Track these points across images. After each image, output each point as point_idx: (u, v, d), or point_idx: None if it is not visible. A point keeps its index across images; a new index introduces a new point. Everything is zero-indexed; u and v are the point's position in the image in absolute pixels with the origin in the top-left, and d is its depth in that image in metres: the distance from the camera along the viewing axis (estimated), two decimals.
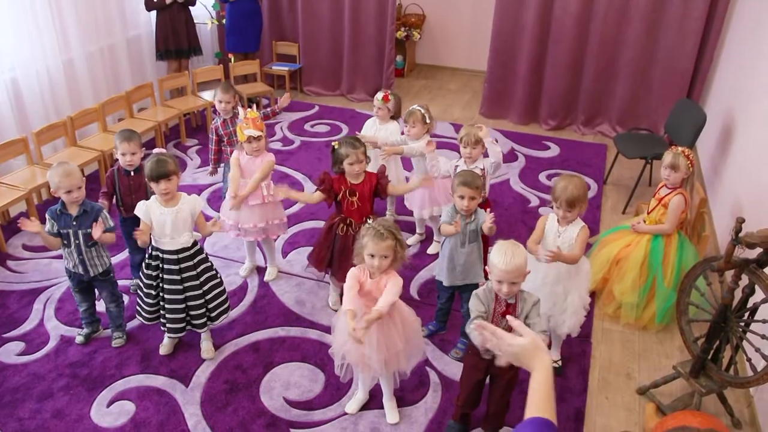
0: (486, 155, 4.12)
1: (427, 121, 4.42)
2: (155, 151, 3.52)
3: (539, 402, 1.64)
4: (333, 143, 3.83)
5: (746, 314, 3.14)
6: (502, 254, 2.71)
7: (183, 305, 3.55)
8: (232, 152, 4.72)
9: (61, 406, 3.43)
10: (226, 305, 3.76)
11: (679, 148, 3.89)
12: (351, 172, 3.75)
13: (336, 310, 4.14)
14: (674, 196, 3.88)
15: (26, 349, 3.81)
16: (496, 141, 4.12)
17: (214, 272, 3.66)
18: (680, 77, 6.44)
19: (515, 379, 3.08)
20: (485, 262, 3.89)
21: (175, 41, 6.90)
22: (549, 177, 6.02)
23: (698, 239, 4.10)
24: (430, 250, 4.83)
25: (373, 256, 2.91)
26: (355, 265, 3.09)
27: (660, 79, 6.55)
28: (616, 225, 5.08)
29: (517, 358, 1.79)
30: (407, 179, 4.92)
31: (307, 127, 7.06)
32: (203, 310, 3.61)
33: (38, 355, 3.76)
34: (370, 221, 3.00)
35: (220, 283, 3.71)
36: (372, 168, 4.78)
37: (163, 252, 3.44)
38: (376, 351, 3.03)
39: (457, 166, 4.15)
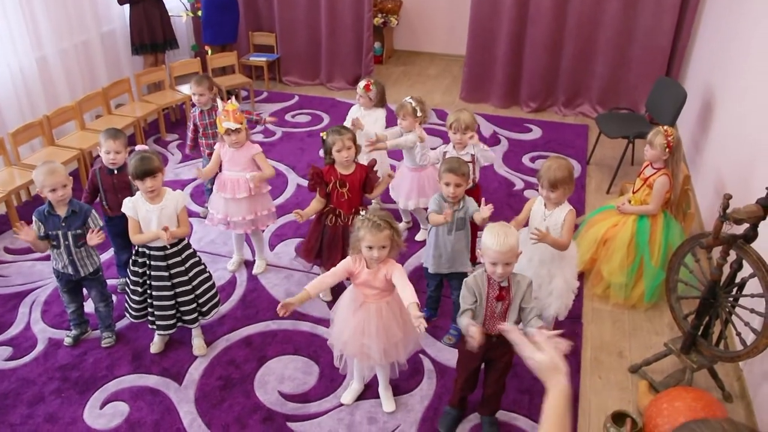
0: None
1: (418, 113, 4.39)
2: (138, 148, 3.47)
3: (549, 428, 1.61)
4: (321, 134, 3.81)
5: (735, 289, 3.18)
6: (495, 235, 2.71)
7: (173, 302, 3.51)
8: (207, 144, 4.71)
9: (54, 409, 3.38)
10: (216, 299, 3.74)
11: (663, 128, 3.90)
12: (340, 160, 3.73)
13: (327, 301, 4.14)
14: (659, 176, 3.90)
15: (14, 354, 3.75)
16: (486, 146, 4.10)
17: (203, 266, 3.63)
18: (659, 55, 6.47)
19: (511, 362, 3.09)
20: (473, 250, 3.91)
21: (150, 35, 6.80)
22: (532, 159, 6.04)
23: (683, 217, 4.14)
24: (418, 237, 4.83)
25: (371, 247, 2.90)
26: (344, 256, 3.08)
27: (639, 57, 6.58)
28: (600, 205, 5.12)
29: (535, 370, 1.75)
30: (393, 168, 4.88)
31: (287, 117, 7.00)
32: (194, 305, 3.58)
33: (27, 359, 3.71)
34: (363, 213, 2.98)
35: (210, 278, 3.68)
36: (377, 159, 4.79)
37: (150, 249, 3.40)
38: (376, 340, 3.03)
39: (446, 152, 4.13)
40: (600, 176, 5.77)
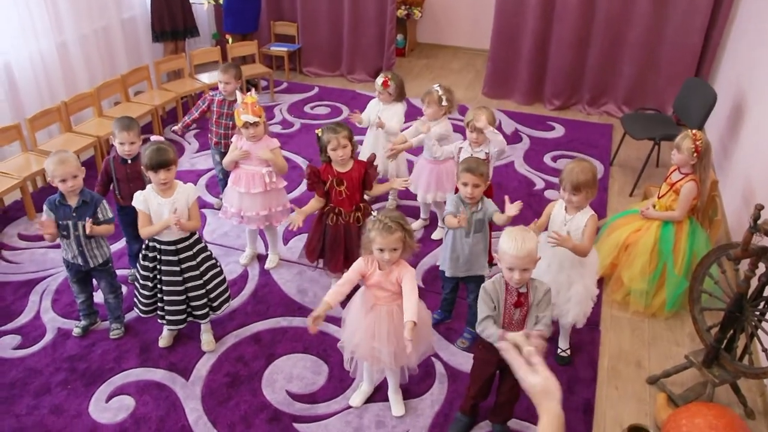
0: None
1: (444, 102, 4.29)
2: (153, 138, 3.40)
3: None
4: (317, 131, 3.73)
5: (762, 303, 3.05)
6: (513, 240, 2.62)
7: (183, 296, 3.46)
8: (217, 134, 4.64)
9: (59, 401, 3.35)
10: (227, 294, 3.68)
11: (692, 131, 3.76)
12: (336, 159, 3.65)
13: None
14: (686, 182, 3.76)
15: (22, 343, 3.72)
16: (497, 128, 3.97)
17: (214, 261, 3.57)
18: (689, 54, 6.28)
19: None
20: (490, 252, 3.81)
21: (171, 22, 6.75)
22: (554, 159, 5.90)
23: (709, 224, 4.00)
24: (435, 236, 4.73)
25: (382, 250, 2.82)
26: (353, 258, 3.01)
27: (668, 56, 6.39)
28: (623, 208, 5.00)
29: (528, 393, 1.68)
30: (411, 164, 4.78)
31: (306, 109, 6.92)
32: (205, 300, 3.53)
33: (35, 349, 3.68)
34: (375, 214, 2.90)
35: (221, 272, 3.62)
36: (379, 154, 4.70)
37: (161, 243, 3.34)
38: (387, 344, 2.96)
39: (461, 148, 4.03)
40: (623, 178, 5.62)
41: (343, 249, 3.79)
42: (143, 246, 3.43)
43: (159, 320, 3.60)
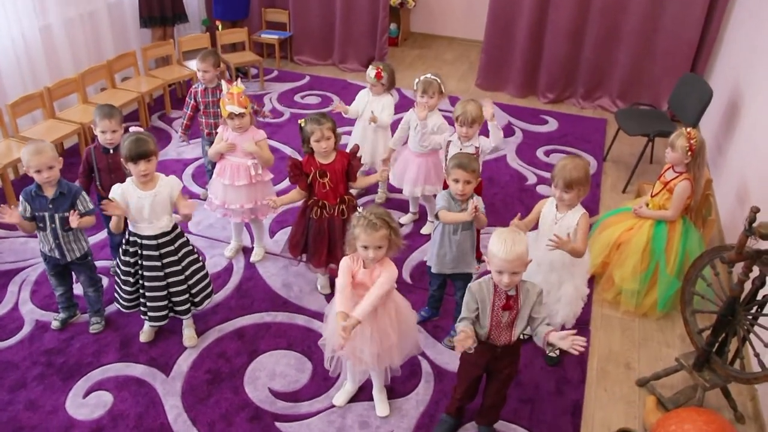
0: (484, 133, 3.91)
1: (443, 90, 4.22)
2: (132, 128, 3.29)
3: None
4: (300, 121, 3.63)
5: (755, 307, 2.99)
6: (502, 242, 2.53)
7: (165, 292, 3.37)
8: (207, 124, 4.54)
9: (35, 396, 3.26)
10: (209, 289, 3.59)
11: (686, 129, 3.68)
12: (319, 150, 3.55)
13: (325, 294, 3.99)
14: (680, 181, 3.69)
15: None
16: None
17: (196, 255, 3.48)
18: (685, 48, 6.20)
19: (514, 373, 2.93)
20: (479, 250, 3.74)
21: (160, 7, 6.60)
22: (547, 153, 5.82)
23: (703, 223, 3.94)
24: (424, 230, 4.65)
25: (366, 247, 2.73)
26: (341, 255, 2.92)
27: (664, 49, 6.31)
28: (615, 204, 4.94)
29: None
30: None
31: (297, 98, 6.80)
32: (186, 296, 3.44)
33: (12, 342, 3.58)
34: (360, 210, 2.81)
35: (203, 267, 3.53)
36: (380, 146, 4.62)
37: (142, 237, 3.25)
38: (369, 344, 2.88)
39: (450, 141, 3.94)
40: (616, 174, 5.55)
41: (326, 243, 3.70)
42: (123, 240, 3.33)
43: (141, 316, 3.51)
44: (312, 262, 3.80)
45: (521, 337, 2.80)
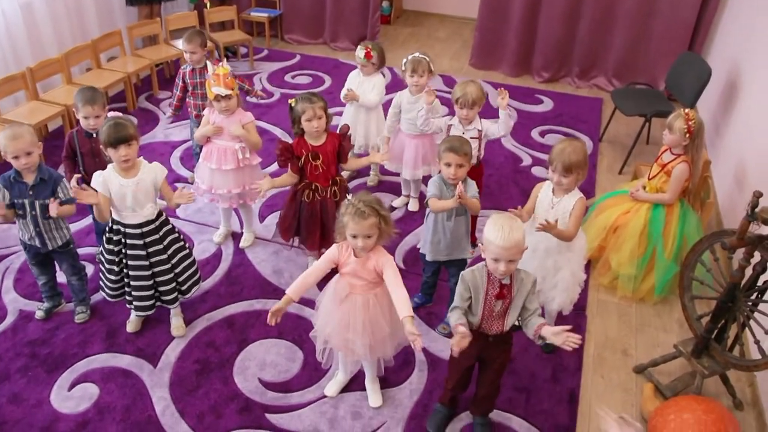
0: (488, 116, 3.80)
1: (432, 69, 4.11)
2: (110, 114, 3.17)
3: None
4: (290, 101, 3.51)
5: (755, 294, 2.92)
6: (499, 229, 2.43)
7: (151, 282, 3.27)
8: (195, 105, 4.43)
9: (18, 389, 3.17)
10: (197, 276, 3.50)
11: (684, 111, 3.59)
12: (310, 131, 3.44)
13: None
14: (678, 163, 3.60)
15: None
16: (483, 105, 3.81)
17: (182, 243, 3.38)
18: (682, 27, 6.08)
19: (507, 362, 2.86)
20: (473, 235, 3.65)
21: None
22: (542, 134, 5.72)
23: (701, 206, 3.86)
24: (411, 207, 4.59)
25: (355, 236, 2.64)
26: (330, 234, 2.83)
27: (660, 28, 6.19)
28: (611, 186, 4.87)
29: None
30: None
31: (287, 78, 6.66)
32: (173, 285, 3.35)
33: None
34: (350, 197, 2.71)
35: (189, 254, 3.43)
36: (372, 127, 4.51)
37: (125, 226, 3.14)
38: (361, 335, 2.80)
39: (451, 125, 3.84)
40: (612, 155, 5.47)
41: (319, 226, 3.61)
42: (107, 228, 3.22)
43: (127, 305, 3.42)
44: (306, 245, 3.71)
45: (516, 322, 2.72)
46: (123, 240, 3.17)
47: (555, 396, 3.24)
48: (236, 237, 4.28)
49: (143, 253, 3.18)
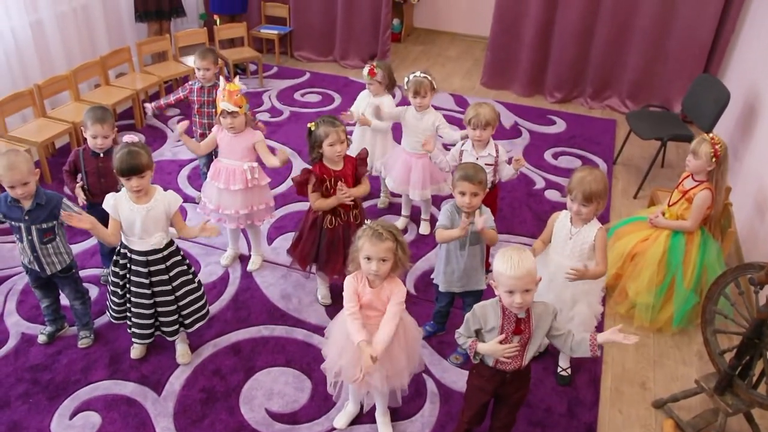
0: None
1: (435, 86, 4.05)
2: (126, 138, 3.05)
3: None
4: (309, 125, 3.41)
5: None
6: (508, 260, 2.33)
7: (151, 311, 3.16)
8: (201, 124, 4.39)
9: (18, 417, 3.08)
10: (201, 313, 3.34)
11: (708, 135, 3.49)
12: (331, 156, 3.35)
13: (325, 306, 3.81)
14: (700, 190, 3.50)
15: None
16: (497, 127, 3.73)
17: (190, 276, 3.24)
18: (698, 49, 6.00)
19: (524, 398, 2.75)
20: (487, 261, 3.56)
21: (156, 1, 6.41)
22: (555, 156, 5.63)
23: (722, 234, 3.75)
24: (422, 230, 4.52)
25: (370, 259, 2.55)
26: (346, 270, 2.73)
27: (676, 50, 6.11)
28: (626, 210, 4.78)
29: None
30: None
31: (297, 96, 6.61)
32: (175, 317, 3.22)
33: None
34: (368, 222, 2.62)
35: (197, 288, 3.29)
36: (377, 149, 4.42)
37: (132, 252, 3.05)
38: (378, 367, 2.69)
39: (463, 151, 3.75)
40: (627, 178, 5.37)
41: (342, 251, 3.49)
42: (116, 250, 3.14)
43: (128, 330, 3.32)
44: (326, 271, 3.59)
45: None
46: (128, 265, 3.08)
47: (572, 431, 3.13)
48: (244, 260, 4.19)
49: (146, 281, 3.08)
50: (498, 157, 3.70)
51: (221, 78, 3.75)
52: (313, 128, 3.37)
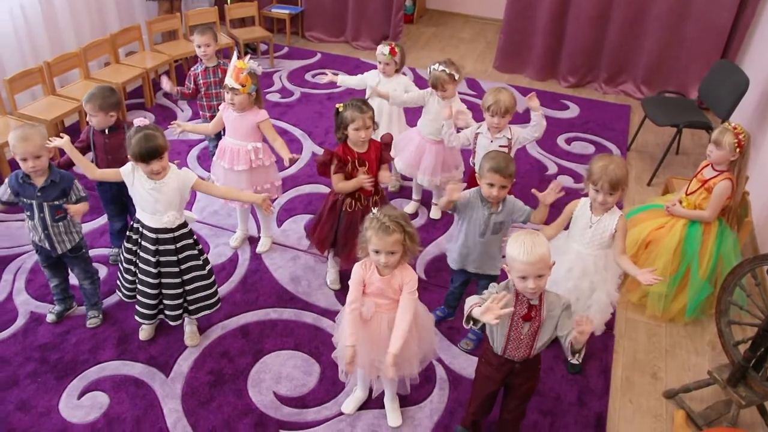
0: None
1: (456, 77, 3.91)
2: (136, 122, 3.02)
3: None
4: (337, 105, 3.36)
5: None
6: (521, 245, 2.29)
7: (156, 291, 3.13)
8: (209, 106, 4.36)
9: (27, 396, 3.08)
10: (209, 302, 3.28)
11: (731, 124, 3.42)
12: (356, 140, 3.30)
13: (334, 290, 3.78)
14: (721, 180, 3.43)
15: None
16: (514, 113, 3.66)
17: (200, 263, 3.18)
18: (716, 34, 5.88)
19: (534, 389, 2.71)
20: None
21: None
22: (568, 141, 5.56)
23: (738, 225, 3.69)
24: (434, 215, 4.47)
25: (378, 251, 2.52)
26: (358, 258, 2.69)
27: (693, 34, 5.99)
28: (639, 197, 4.73)
29: None
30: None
31: (307, 77, 6.54)
32: (179, 301, 3.18)
33: (5, 335, 3.39)
34: (374, 211, 2.58)
35: (206, 276, 3.23)
36: (394, 130, 4.36)
37: (143, 227, 3.03)
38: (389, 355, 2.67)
39: (478, 133, 3.69)
40: (641, 165, 5.29)
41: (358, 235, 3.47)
42: (129, 227, 3.11)
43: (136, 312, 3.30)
44: (343, 256, 3.56)
45: None
46: (139, 240, 3.05)
47: (581, 421, 3.10)
48: (253, 241, 4.16)
49: (153, 259, 3.04)
50: (513, 139, 3.64)
51: (234, 54, 3.70)
52: (341, 110, 3.32)
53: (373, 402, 3.12)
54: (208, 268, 3.23)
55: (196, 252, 3.15)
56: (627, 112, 6.16)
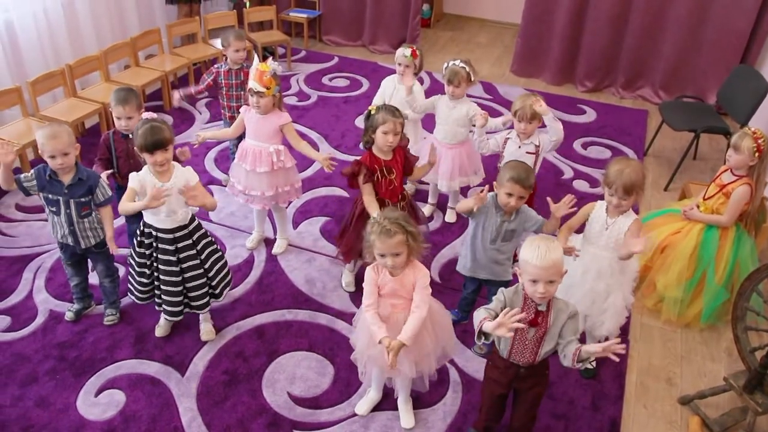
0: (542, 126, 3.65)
1: (472, 78, 3.95)
2: (145, 115, 3.10)
3: None
4: (370, 107, 3.39)
5: None
6: (535, 249, 2.30)
7: (180, 288, 3.19)
8: (230, 107, 4.40)
9: (46, 393, 3.13)
10: (229, 278, 3.42)
11: (750, 129, 3.40)
12: (382, 144, 3.31)
13: (349, 292, 3.80)
14: (739, 185, 3.41)
15: (12, 325, 3.50)
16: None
17: (215, 245, 3.30)
18: (735, 38, 5.83)
19: (542, 394, 2.71)
20: (515, 258, 3.52)
21: None
22: (585, 146, 5.55)
23: (756, 230, 3.66)
24: (449, 218, 4.48)
25: (383, 255, 2.55)
26: (364, 261, 2.72)
27: (712, 39, 5.95)
28: (656, 202, 4.70)
29: None
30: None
31: (324, 80, 6.58)
32: (206, 289, 3.26)
33: (24, 333, 3.45)
34: (375, 215, 2.61)
35: (222, 256, 3.36)
36: (410, 138, 4.37)
37: (158, 230, 3.07)
38: (406, 353, 2.68)
39: (508, 139, 3.71)
40: (658, 170, 5.26)
41: None
42: (138, 232, 3.16)
43: (157, 307, 3.35)
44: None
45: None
46: (155, 244, 3.10)
47: (595, 425, 3.09)
48: (269, 243, 4.20)
49: (174, 258, 3.10)
50: (540, 147, 3.64)
51: (255, 57, 3.74)
52: (373, 112, 3.34)
53: (386, 403, 3.14)
54: (219, 248, 3.34)
55: (210, 239, 3.26)
56: (644, 117, 6.13)
